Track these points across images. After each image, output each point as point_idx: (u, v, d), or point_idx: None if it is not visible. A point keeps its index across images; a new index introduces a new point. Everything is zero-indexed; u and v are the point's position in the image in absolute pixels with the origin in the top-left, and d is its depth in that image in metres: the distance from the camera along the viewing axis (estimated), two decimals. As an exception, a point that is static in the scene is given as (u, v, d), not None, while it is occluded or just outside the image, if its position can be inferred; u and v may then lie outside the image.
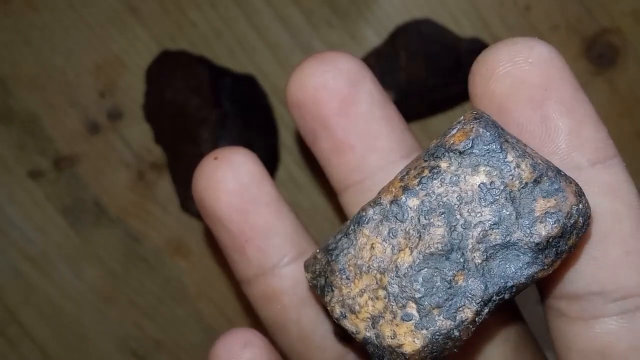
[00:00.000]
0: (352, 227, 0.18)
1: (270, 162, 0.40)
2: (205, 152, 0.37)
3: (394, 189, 0.18)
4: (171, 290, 0.41)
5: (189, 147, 0.38)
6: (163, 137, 0.39)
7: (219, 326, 0.41)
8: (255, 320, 0.42)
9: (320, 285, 0.18)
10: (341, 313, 0.18)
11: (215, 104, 0.37)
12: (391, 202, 0.17)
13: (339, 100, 0.21)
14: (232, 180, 0.22)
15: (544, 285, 0.20)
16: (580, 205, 0.17)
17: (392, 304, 0.17)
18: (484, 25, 0.39)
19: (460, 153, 0.17)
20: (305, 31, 0.39)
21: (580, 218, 0.17)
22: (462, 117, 0.18)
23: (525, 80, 0.18)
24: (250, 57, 0.40)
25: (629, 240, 0.18)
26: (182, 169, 0.39)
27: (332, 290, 0.18)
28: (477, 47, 0.38)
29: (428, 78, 0.38)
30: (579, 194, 0.17)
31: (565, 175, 0.17)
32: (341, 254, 0.18)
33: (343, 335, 0.23)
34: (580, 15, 0.39)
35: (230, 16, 0.39)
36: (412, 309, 0.17)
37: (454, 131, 0.17)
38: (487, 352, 0.23)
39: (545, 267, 0.17)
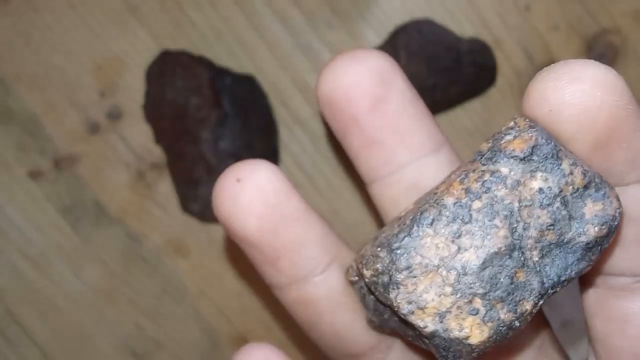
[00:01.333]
0: (415, 227, 0.19)
1: (270, 162, 0.39)
2: (206, 152, 0.38)
3: (455, 191, 0.19)
4: (171, 290, 0.41)
5: (189, 147, 0.38)
6: (163, 137, 0.39)
7: (219, 326, 0.41)
8: (255, 320, 0.42)
9: (383, 282, 0.19)
10: (408, 310, 0.19)
11: (215, 104, 0.37)
12: (454, 204, 0.19)
13: (371, 98, 0.21)
14: (259, 203, 0.21)
15: None
16: (621, 209, 0.19)
17: (458, 300, 0.18)
18: (484, 25, 0.39)
19: (521, 160, 0.18)
20: (305, 31, 0.39)
21: (619, 219, 0.19)
22: (512, 123, 0.19)
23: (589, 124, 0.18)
24: (250, 57, 0.40)
25: None
26: (182, 169, 0.39)
27: (398, 288, 0.19)
28: (477, 47, 0.38)
29: (428, 78, 0.38)
30: (618, 198, 0.19)
31: (607, 181, 0.19)
32: (406, 253, 0.19)
33: (378, 324, 0.23)
34: (580, 15, 0.39)
35: (230, 16, 0.39)
36: (477, 304, 0.18)
37: (510, 137, 0.19)
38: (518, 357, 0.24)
39: (591, 263, 0.19)
